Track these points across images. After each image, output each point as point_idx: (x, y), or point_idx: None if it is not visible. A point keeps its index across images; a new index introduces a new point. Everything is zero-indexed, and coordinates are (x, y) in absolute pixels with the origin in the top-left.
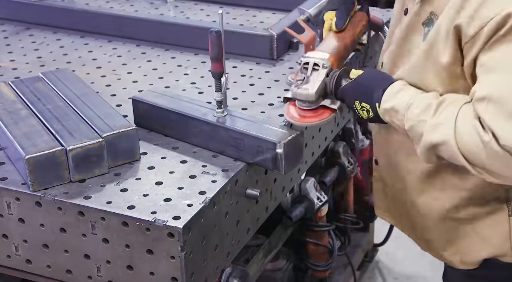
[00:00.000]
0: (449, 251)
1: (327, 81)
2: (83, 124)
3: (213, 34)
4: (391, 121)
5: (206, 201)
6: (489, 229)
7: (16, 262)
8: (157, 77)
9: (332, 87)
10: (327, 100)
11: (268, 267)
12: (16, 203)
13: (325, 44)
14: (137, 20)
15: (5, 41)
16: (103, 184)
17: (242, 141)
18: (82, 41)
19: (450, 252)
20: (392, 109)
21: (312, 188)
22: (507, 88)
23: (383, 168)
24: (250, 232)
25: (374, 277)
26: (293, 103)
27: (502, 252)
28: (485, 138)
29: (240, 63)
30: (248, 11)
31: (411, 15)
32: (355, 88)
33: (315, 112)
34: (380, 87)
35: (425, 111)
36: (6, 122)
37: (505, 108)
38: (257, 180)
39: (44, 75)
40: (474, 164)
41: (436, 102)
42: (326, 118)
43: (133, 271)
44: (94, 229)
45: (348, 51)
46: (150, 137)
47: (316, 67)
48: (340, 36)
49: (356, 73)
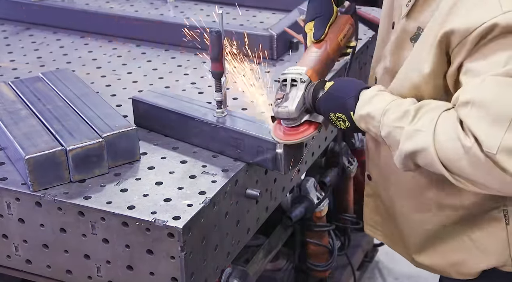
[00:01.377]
0: (445, 264)
1: (305, 96)
2: (83, 124)
3: (213, 34)
4: (367, 128)
5: (206, 201)
6: (486, 240)
7: (16, 262)
8: (157, 77)
9: (310, 101)
10: (311, 115)
11: (268, 267)
12: (16, 203)
13: (305, 57)
14: (137, 20)
15: (5, 41)
16: (103, 184)
17: (242, 141)
18: (82, 41)
19: (447, 265)
20: (367, 115)
21: (312, 188)
22: (491, 93)
23: (377, 181)
24: (250, 232)
25: (374, 277)
26: (279, 121)
27: (501, 262)
28: (467, 144)
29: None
30: (248, 11)
31: (398, 32)
32: (327, 99)
33: (298, 128)
34: (352, 95)
35: (402, 118)
36: (6, 122)
37: (489, 112)
38: (257, 180)
39: (44, 75)
40: (453, 172)
41: (414, 108)
42: (310, 134)
43: (133, 271)
44: (94, 229)
45: (332, 59)
46: (150, 138)
47: (294, 83)
48: (320, 46)
49: (329, 84)
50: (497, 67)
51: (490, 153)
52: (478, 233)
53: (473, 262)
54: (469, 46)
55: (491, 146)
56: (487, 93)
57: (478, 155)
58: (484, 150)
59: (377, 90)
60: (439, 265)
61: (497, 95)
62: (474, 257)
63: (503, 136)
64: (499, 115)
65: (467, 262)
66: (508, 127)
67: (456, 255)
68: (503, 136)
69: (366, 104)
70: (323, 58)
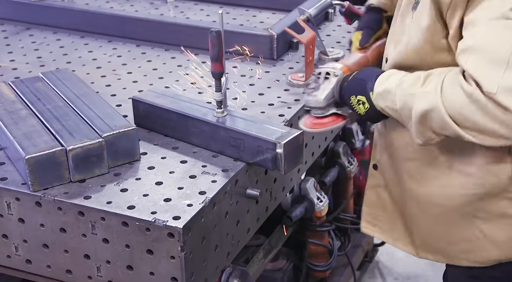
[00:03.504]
0: (454, 250)
1: (335, 88)
2: (83, 124)
3: (213, 34)
4: (384, 106)
5: (206, 201)
6: (500, 232)
7: (16, 262)
8: (157, 77)
9: (337, 91)
10: (339, 108)
11: (268, 267)
12: (16, 203)
13: (345, 58)
14: (137, 20)
15: (5, 41)
16: (103, 184)
17: (242, 141)
18: (82, 41)
19: (456, 252)
20: (384, 91)
21: (312, 188)
22: (489, 37)
23: (384, 170)
24: (250, 232)
25: (374, 277)
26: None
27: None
28: (468, 89)
29: (240, 63)
30: (248, 11)
31: (403, 4)
32: (350, 84)
33: (325, 119)
34: (373, 78)
35: (414, 85)
36: (6, 122)
37: (486, 55)
38: (257, 180)
39: (44, 75)
40: (462, 126)
41: (424, 75)
42: (335, 125)
43: (133, 271)
44: (94, 229)
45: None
46: (150, 138)
47: (327, 76)
48: (362, 52)
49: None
50: (492, 12)
51: (490, 93)
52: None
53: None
54: (461, 2)
55: (490, 86)
56: (483, 37)
57: (480, 97)
58: (485, 92)
59: (393, 71)
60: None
61: (493, 38)
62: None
63: (502, 76)
64: (497, 57)
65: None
66: (507, 67)
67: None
68: (502, 76)
69: (383, 82)
70: (362, 61)
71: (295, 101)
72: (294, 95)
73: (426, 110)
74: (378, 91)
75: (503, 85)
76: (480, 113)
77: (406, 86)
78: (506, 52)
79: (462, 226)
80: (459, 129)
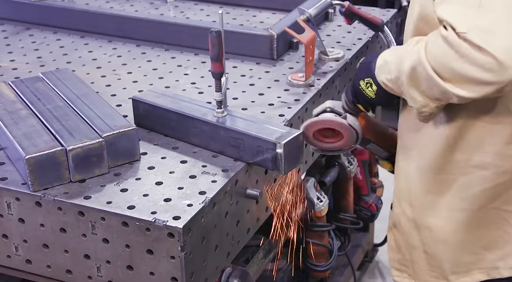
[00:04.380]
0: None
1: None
2: (83, 124)
3: (213, 34)
4: (385, 79)
5: (206, 201)
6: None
7: (16, 262)
8: (157, 77)
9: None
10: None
11: (268, 267)
12: (16, 203)
13: None
14: (137, 20)
15: (5, 41)
16: (103, 184)
17: (242, 141)
18: (82, 41)
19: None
20: (383, 62)
21: (312, 188)
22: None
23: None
24: (250, 232)
25: (374, 277)
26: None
27: None
28: (444, 33)
29: (240, 63)
30: (248, 11)
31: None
32: (358, 71)
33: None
34: (376, 57)
35: (405, 48)
36: (6, 122)
37: (459, 1)
38: (257, 180)
39: (44, 75)
40: (445, 78)
41: (417, 38)
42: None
43: (133, 271)
44: (94, 229)
45: None
46: (150, 138)
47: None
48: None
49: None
50: None
51: (462, 33)
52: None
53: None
54: None
55: (462, 26)
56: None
57: (454, 39)
58: (458, 32)
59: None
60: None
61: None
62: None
63: (474, 17)
64: (468, 1)
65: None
66: (478, 8)
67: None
68: (473, 17)
69: (383, 56)
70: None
71: (295, 101)
72: (294, 95)
73: (412, 66)
74: (378, 64)
75: (474, 25)
76: (456, 56)
77: (399, 52)
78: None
79: (492, 226)
80: (442, 83)
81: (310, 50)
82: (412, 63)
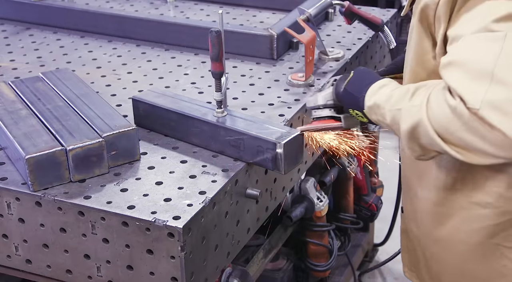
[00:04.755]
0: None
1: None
2: (83, 124)
3: (213, 34)
4: (377, 119)
5: (206, 201)
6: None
7: (16, 262)
8: (157, 77)
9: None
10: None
11: (268, 267)
12: (16, 203)
13: None
14: (137, 20)
15: (5, 41)
16: (103, 184)
17: (242, 140)
18: (82, 41)
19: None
20: (374, 105)
21: (312, 188)
22: (470, 50)
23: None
24: (250, 232)
25: (374, 277)
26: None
27: None
28: (452, 103)
29: (240, 63)
30: (248, 11)
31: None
32: (345, 97)
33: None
34: (363, 92)
35: (402, 99)
36: (6, 122)
37: (469, 69)
38: (257, 180)
39: (44, 75)
40: (449, 142)
41: (414, 87)
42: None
43: (133, 271)
44: (94, 229)
45: None
46: (150, 137)
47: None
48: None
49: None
50: (475, 25)
51: (474, 109)
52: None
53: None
54: (443, 15)
55: (474, 101)
56: (467, 51)
57: (464, 112)
58: (468, 106)
59: (384, 82)
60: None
61: (476, 51)
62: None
63: (486, 91)
64: (480, 71)
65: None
66: (490, 82)
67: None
68: (485, 91)
69: (373, 95)
70: None
71: (295, 101)
72: (294, 95)
73: (413, 126)
74: (369, 105)
75: (486, 101)
76: (464, 128)
77: (394, 101)
78: (489, 65)
79: (491, 260)
80: (445, 146)
81: (310, 50)
82: (411, 122)
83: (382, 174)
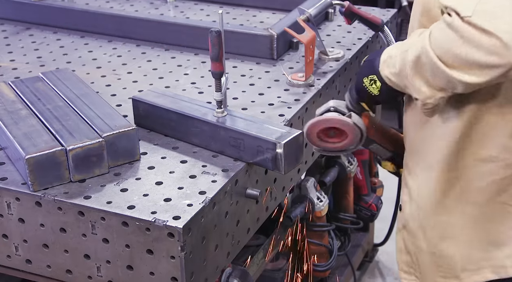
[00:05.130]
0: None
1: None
2: (83, 124)
3: (213, 34)
4: (388, 73)
5: (206, 201)
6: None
7: (16, 262)
8: (157, 77)
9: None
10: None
11: (268, 267)
12: (16, 203)
13: None
14: (137, 20)
15: (5, 41)
16: (103, 184)
17: (242, 141)
18: (82, 41)
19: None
20: (387, 57)
21: (312, 188)
22: None
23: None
24: (250, 232)
25: (374, 277)
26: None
27: None
28: (448, 19)
29: (240, 63)
30: (248, 11)
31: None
32: (361, 68)
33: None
34: (380, 53)
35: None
36: (6, 122)
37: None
38: (257, 180)
39: (44, 75)
40: (450, 65)
41: (420, 30)
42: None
43: (133, 271)
44: (94, 229)
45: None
46: (150, 137)
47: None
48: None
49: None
50: None
51: (467, 17)
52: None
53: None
54: None
55: (466, 10)
56: None
57: (458, 24)
58: (462, 17)
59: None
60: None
61: None
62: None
63: (478, 2)
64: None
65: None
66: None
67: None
68: (478, 2)
69: (387, 51)
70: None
71: (295, 101)
72: (294, 95)
73: (417, 55)
74: (383, 59)
75: (478, 8)
76: (461, 42)
77: (404, 45)
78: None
79: (499, 221)
80: (447, 70)
81: (310, 50)
82: (416, 53)
83: (382, 174)
